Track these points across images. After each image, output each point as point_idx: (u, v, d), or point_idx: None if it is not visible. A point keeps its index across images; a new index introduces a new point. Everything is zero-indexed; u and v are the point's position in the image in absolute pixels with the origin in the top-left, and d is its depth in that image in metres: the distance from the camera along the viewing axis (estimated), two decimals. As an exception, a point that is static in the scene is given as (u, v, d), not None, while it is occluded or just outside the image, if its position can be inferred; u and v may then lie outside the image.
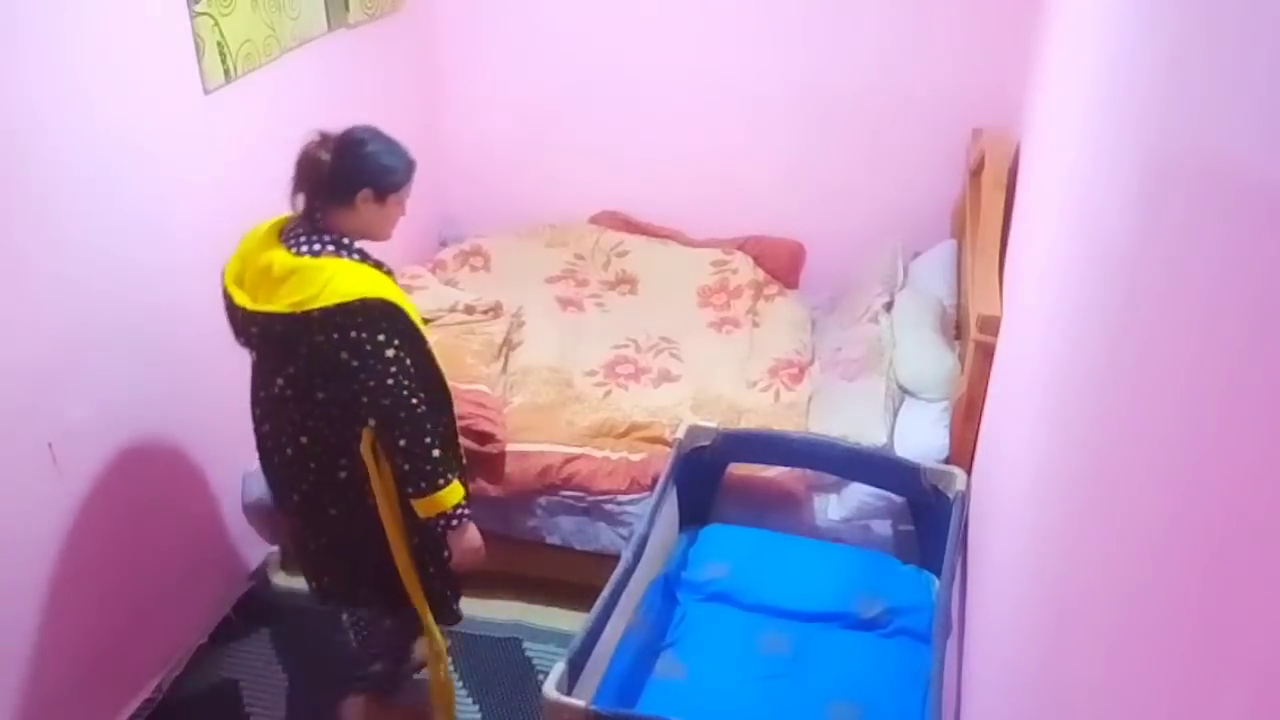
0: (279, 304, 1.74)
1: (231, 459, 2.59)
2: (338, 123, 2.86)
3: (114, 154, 2.06)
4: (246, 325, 1.84)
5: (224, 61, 2.30)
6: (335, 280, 1.72)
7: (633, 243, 3.44)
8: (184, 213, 2.28)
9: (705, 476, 2.41)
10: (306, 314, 1.71)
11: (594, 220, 3.55)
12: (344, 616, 2.37)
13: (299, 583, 2.77)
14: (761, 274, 3.36)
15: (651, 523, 2.12)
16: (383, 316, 1.75)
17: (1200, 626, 0.67)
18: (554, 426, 2.60)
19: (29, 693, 2.02)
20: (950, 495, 2.17)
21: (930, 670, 1.78)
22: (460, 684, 2.47)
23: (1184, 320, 0.81)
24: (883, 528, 2.41)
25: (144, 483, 2.26)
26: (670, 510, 2.31)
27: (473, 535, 1.93)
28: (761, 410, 2.69)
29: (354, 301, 1.71)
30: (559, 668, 1.72)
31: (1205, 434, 0.72)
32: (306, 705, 2.42)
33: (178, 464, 2.37)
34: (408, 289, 3.07)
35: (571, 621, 2.54)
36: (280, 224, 1.89)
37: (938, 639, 1.81)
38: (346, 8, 2.82)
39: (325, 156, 1.83)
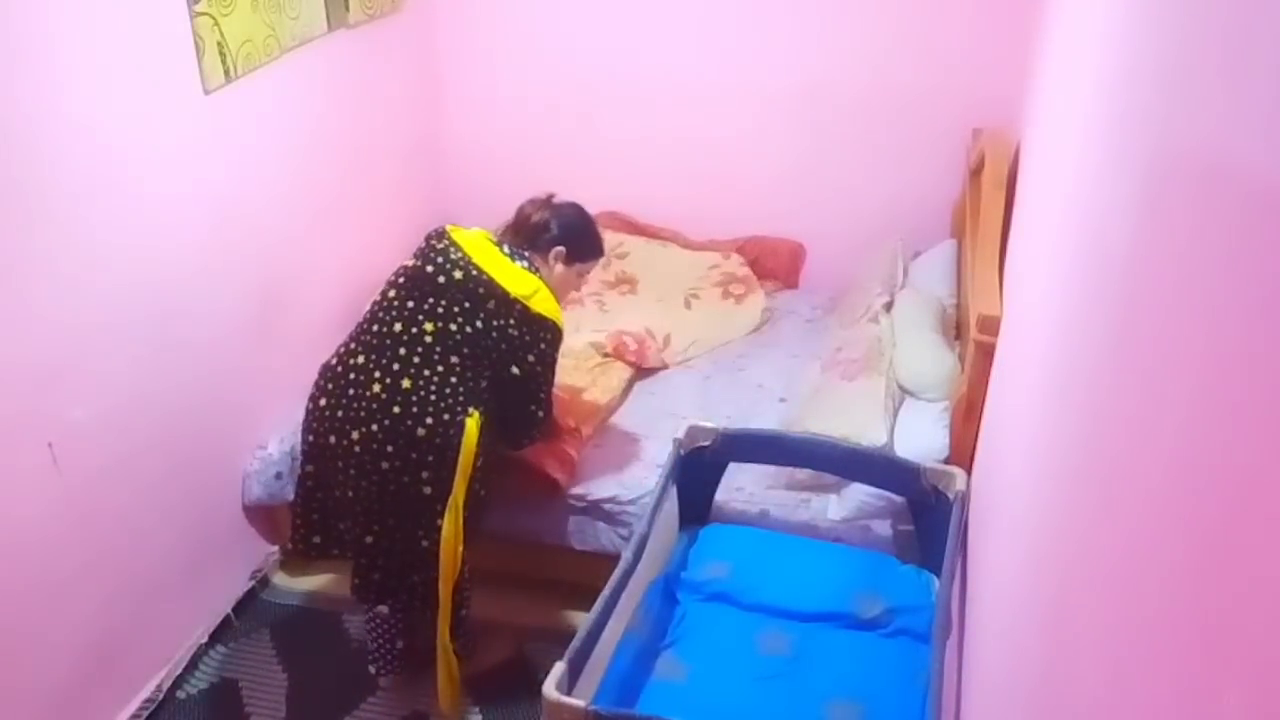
0: (504, 280, 2.07)
1: (231, 459, 2.60)
2: (338, 123, 2.88)
3: (114, 154, 2.06)
4: (451, 266, 2.08)
5: (224, 61, 2.30)
6: (542, 294, 2.11)
7: (633, 244, 3.44)
8: (184, 213, 2.28)
9: (705, 476, 2.41)
10: (515, 302, 2.06)
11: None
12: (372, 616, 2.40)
13: (299, 583, 2.78)
14: (755, 279, 3.38)
15: (651, 523, 2.12)
16: (560, 341, 2.18)
17: (1202, 627, 0.67)
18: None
19: (29, 692, 2.02)
20: (950, 495, 2.17)
21: (930, 670, 1.78)
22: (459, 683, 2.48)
23: (1186, 322, 0.81)
24: (883, 528, 2.41)
25: (144, 482, 2.26)
26: (670, 510, 2.31)
27: None
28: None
29: (552, 321, 2.12)
30: (559, 668, 1.71)
31: (1207, 435, 0.72)
32: (306, 705, 2.42)
33: (178, 464, 2.37)
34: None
35: (571, 621, 2.54)
36: (485, 233, 2.22)
37: (938, 639, 1.81)
38: (346, 8, 2.82)
39: (542, 214, 2.25)
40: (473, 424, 2.05)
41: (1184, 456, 0.76)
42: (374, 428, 2.04)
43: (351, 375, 2.09)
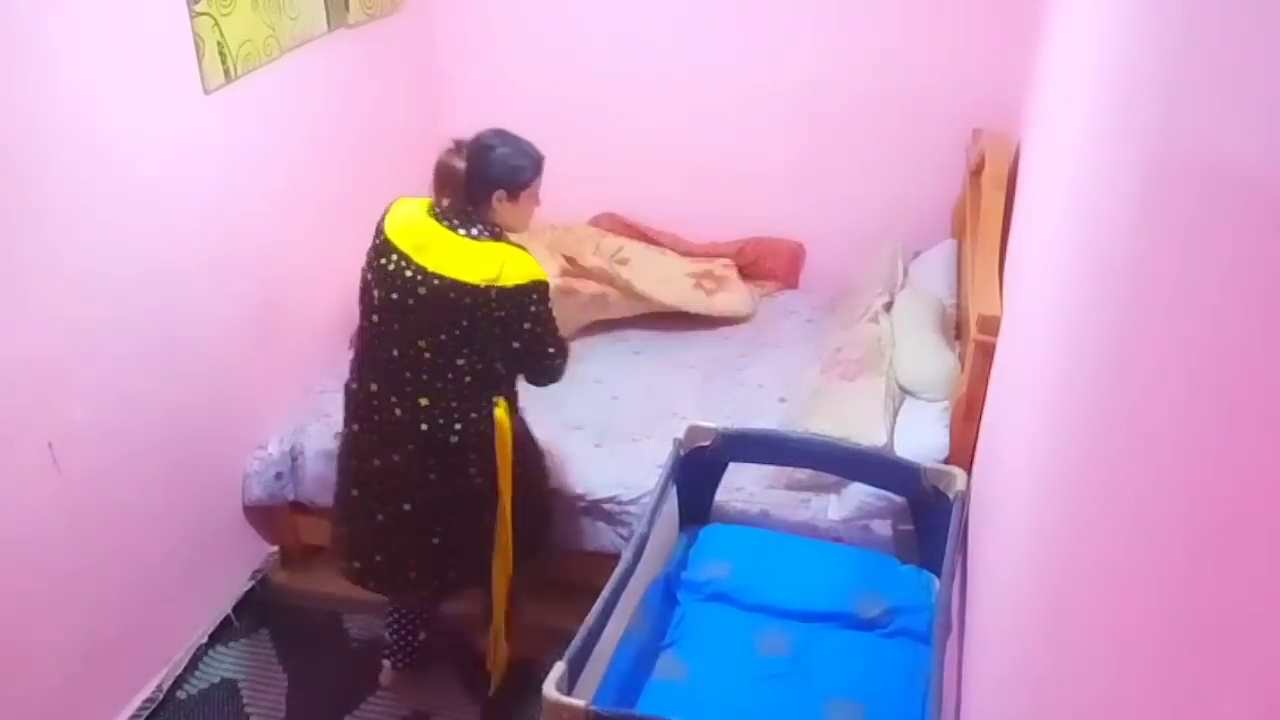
0: (465, 275, 1.96)
1: (231, 459, 2.60)
2: (338, 123, 2.88)
3: (114, 154, 2.06)
4: (412, 285, 1.99)
5: (224, 61, 2.30)
6: (510, 263, 1.99)
7: (632, 249, 3.44)
8: (184, 213, 2.28)
9: (705, 476, 2.41)
10: (488, 289, 1.96)
11: (594, 222, 3.55)
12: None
13: (299, 583, 2.78)
14: (739, 281, 3.40)
15: (651, 523, 2.12)
16: (547, 292, 2.06)
17: (1201, 627, 0.67)
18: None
19: (29, 693, 2.02)
20: (950, 495, 2.16)
21: (930, 670, 1.78)
22: (459, 683, 2.48)
23: (1186, 321, 0.81)
24: (883, 528, 2.41)
25: (144, 482, 2.26)
26: (670, 510, 2.31)
27: None
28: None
29: (529, 283, 2.00)
30: (559, 667, 1.71)
31: (1207, 435, 0.72)
32: (306, 705, 2.43)
33: (178, 464, 2.37)
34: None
35: (572, 621, 2.54)
36: (427, 205, 2.07)
37: (938, 639, 1.81)
38: (346, 8, 2.82)
39: (458, 164, 2.03)
40: (500, 412, 2.08)
41: (1184, 456, 0.76)
42: (410, 447, 2.08)
43: (374, 401, 2.11)
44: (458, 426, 2.06)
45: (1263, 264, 0.64)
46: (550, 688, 1.67)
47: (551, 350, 2.12)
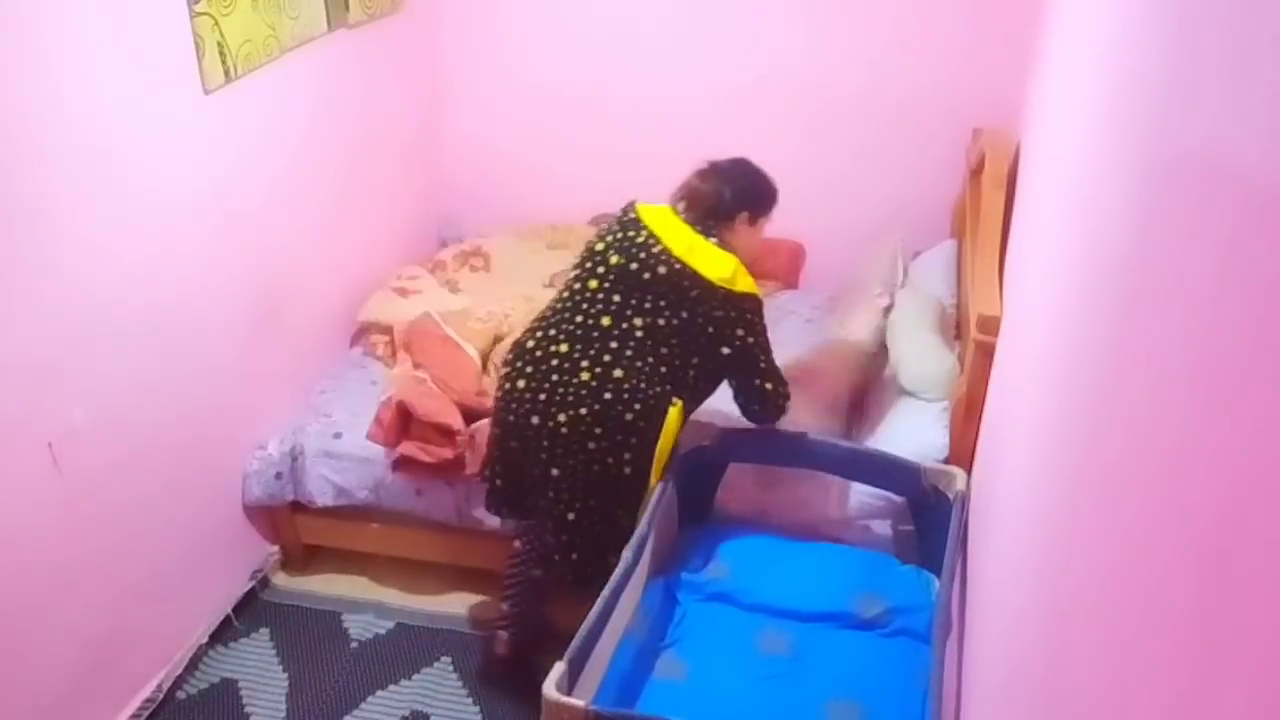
0: (704, 269, 2.09)
1: (231, 459, 2.60)
2: (338, 123, 2.88)
3: (114, 154, 2.06)
4: (654, 261, 2.11)
5: (224, 61, 2.30)
6: (741, 273, 2.12)
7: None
8: (184, 213, 2.28)
9: (705, 476, 2.41)
10: (719, 288, 2.08)
11: (594, 222, 3.55)
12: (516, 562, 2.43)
13: (299, 583, 2.78)
14: None
15: (651, 523, 2.12)
16: (762, 311, 2.17)
17: (1201, 627, 0.67)
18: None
19: (29, 693, 2.02)
20: (950, 495, 2.16)
21: (930, 670, 1.78)
22: (460, 683, 2.48)
23: (1186, 321, 0.81)
24: (883, 528, 2.41)
25: (144, 482, 2.26)
26: (670, 510, 2.31)
27: None
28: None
29: (752, 296, 2.13)
30: (559, 667, 1.71)
31: (1206, 435, 0.72)
32: (306, 705, 2.43)
33: (178, 464, 2.37)
34: (403, 292, 3.09)
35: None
36: (673, 209, 2.24)
37: (938, 639, 1.80)
38: (346, 8, 2.82)
39: (709, 185, 2.24)
40: (675, 412, 2.10)
41: (1183, 456, 0.76)
42: (582, 411, 2.08)
43: (554, 361, 2.11)
44: (637, 407, 2.07)
45: (1262, 264, 0.64)
46: (550, 688, 1.67)
47: (764, 365, 2.18)
